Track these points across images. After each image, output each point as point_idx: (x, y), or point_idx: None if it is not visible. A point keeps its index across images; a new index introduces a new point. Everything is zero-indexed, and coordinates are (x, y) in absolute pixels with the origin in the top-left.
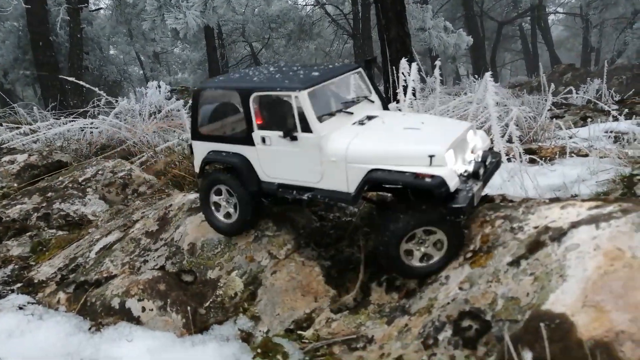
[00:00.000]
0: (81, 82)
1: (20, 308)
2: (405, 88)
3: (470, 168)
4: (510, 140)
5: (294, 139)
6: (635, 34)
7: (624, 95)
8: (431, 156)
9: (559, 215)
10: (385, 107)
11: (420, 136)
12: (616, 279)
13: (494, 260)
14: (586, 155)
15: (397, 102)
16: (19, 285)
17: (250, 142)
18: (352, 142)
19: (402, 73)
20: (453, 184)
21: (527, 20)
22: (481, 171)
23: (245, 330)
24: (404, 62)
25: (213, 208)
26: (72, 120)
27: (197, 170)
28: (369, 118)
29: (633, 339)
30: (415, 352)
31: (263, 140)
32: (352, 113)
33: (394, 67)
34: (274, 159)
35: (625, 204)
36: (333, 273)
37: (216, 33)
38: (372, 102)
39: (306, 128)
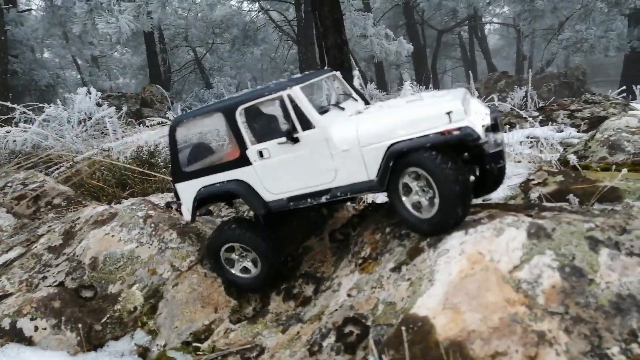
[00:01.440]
0: None
1: None
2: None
3: (487, 121)
4: None
5: (296, 140)
6: (561, 45)
7: (547, 102)
8: (449, 112)
9: None
10: (368, 104)
11: (427, 102)
12: (473, 282)
13: (380, 266)
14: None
15: None
16: None
17: (245, 162)
18: (360, 124)
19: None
20: (481, 131)
21: (466, 29)
22: (498, 122)
23: (142, 345)
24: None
25: (227, 266)
26: None
27: (187, 217)
28: (365, 109)
29: (482, 337)
30: (301, 359)
31: (260, 154)
32: (344, 108)
33: None
34: (277, 172)
35: (493, 210)
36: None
37: (157, 37)
38: (356, 100)
39: (306, 125)
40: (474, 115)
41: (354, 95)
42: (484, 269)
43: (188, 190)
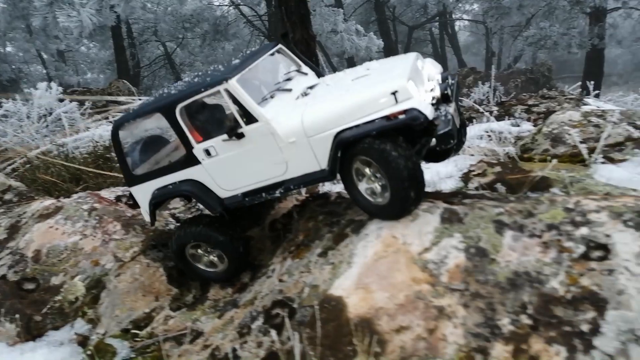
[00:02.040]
0: None
1: None
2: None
3: (437, 92)
4: None
5: (241, 136)
6: (526, 41)
7: (509, 97)
8: (394, 92)
9: None
10: (320, 75)
11: (373, 80)
12: (385, 263)
13: (310, 252)
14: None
15: None
16: None
17: (193, 161)
18: (305, 113)
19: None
20: (429, 112)
21: (437, 25)
22: (449, 92)
23: (82, 334)
24: None
25: (192, 262)
26: None
27: (147, 218)
28: (311, 87)
29: (388, 313)
30: (231, 341)
31: (207, 152)
32: (290, 90)
33: None
34: (227, 169)
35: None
36: (174, 273)
37: (125, 32)
38: (305, 74)
39: (250, 119)
40: (422, 89)
41: (303, 68)
42: (396, 252)
43: (142, 194)
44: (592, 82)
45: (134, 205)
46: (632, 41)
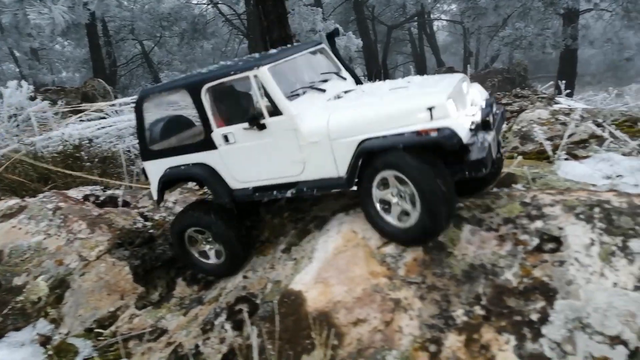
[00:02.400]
0: None
1: None
2: None
3: (478, 117)
4: None
5: (262, 127)
6: (502, 42)
7: None
8: (430, 108)
9: (330, 207)
10: (359, 83)
11: (411, 92)
12: (344, 257)
13: (274, 249)
14: None
15: None
16: None
17: (210, 145)
18: (333, 115)
19: None
20: (465, 134)
21: (416, 25)
22: (491, 119)
23: (44, 334)
24: None
25: (195, 254)
26: None
27: (154, 196)
28: (346, 92)
29: (346, 306)
30: (194, 337)
31: (226, 139)
32: (324, 90)
33: None
34: (242, 159)
35: None
36: (140, 271)
37: (101, 29)
38: (344, 78)
39: (274, 111)
40: (463, 112)
41: (343, 72)
42: (355, 246)
43: (155, 170)
44: (564, 82)
45: (145, 178)
46: (603, 42)
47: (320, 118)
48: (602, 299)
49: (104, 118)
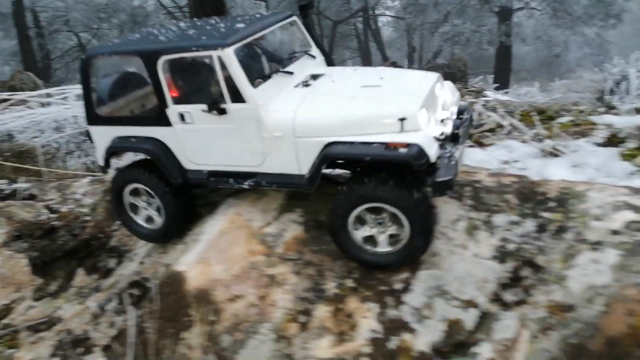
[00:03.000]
0: None
1: None
2: None
3: (448, 129)
4: None
5: (222, 112)
6: (442, 38)
7: None
8: (402, 119)
9: (225, 192)
10: (330, 63)
11: (383, 95)
12: (226, 238)
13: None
14: None
15: None
16: None
17: (165, 121)
18: (300, 109)
19: None
20: (433, 152)
21: (361, 20)
22: (460, 131)
23: None
24: None
25: (130, 212)
26: None
27: (100, 162)
28: (314, 77)
29: (224, 284)
30: (85, 323)
31: (182, 117)
32: (292, 73)
33: None
34: (199, 141)
35: None
36: (39, 263)
37: (32, 20)
38: (314, 57)
39: (237, 97)
40: (434, 117)
41: (313, 49)
42: (238, 228)
43: (101, 137)
44: (493, 76)
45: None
46: (534, 39)
47: (286, 112)
48: (462, 268)
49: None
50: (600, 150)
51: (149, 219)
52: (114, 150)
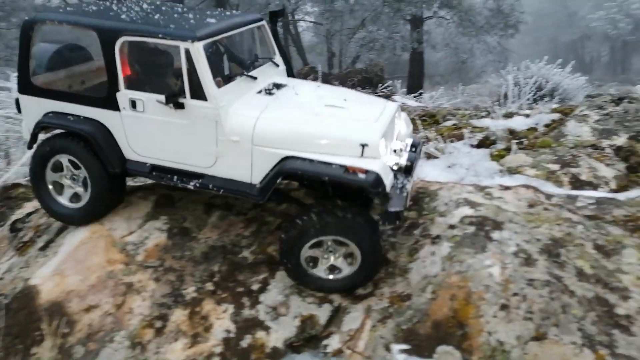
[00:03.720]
0: None
1: None
2: None
3: (402, 160)
4: None
5: (180, 106)
6: (358, 43)
7: None
8: (364, 145)
9: None
10: (291, 74)
11: (347, 118)
12: (85, 249)
13: (33, 247)
14: None
15: None
16: None
17: (112, 105)
18: (262, 117)
19: None
20: (389, 181)
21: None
22: (415, 164)
23: None
24: None
25: (52, 188)
26: None
27: (26, 136)
28: (277, 87)
29: (80, 294)
30: None
31: (133, 104)
32: (255, 78)
33: None
34: (147, 132)
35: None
36: None
37: None
38: (277, 65)
39: (198, 94)
40: (390, 146)
41: (277, 58)
42: (99, 237)
43: (32, 108)
44: (400, 81)
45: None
46: (443, 46)
47: (247, 117)
48: None
49: None
50: (473, 152)
51: (75, 197)
52: (45, 125)
